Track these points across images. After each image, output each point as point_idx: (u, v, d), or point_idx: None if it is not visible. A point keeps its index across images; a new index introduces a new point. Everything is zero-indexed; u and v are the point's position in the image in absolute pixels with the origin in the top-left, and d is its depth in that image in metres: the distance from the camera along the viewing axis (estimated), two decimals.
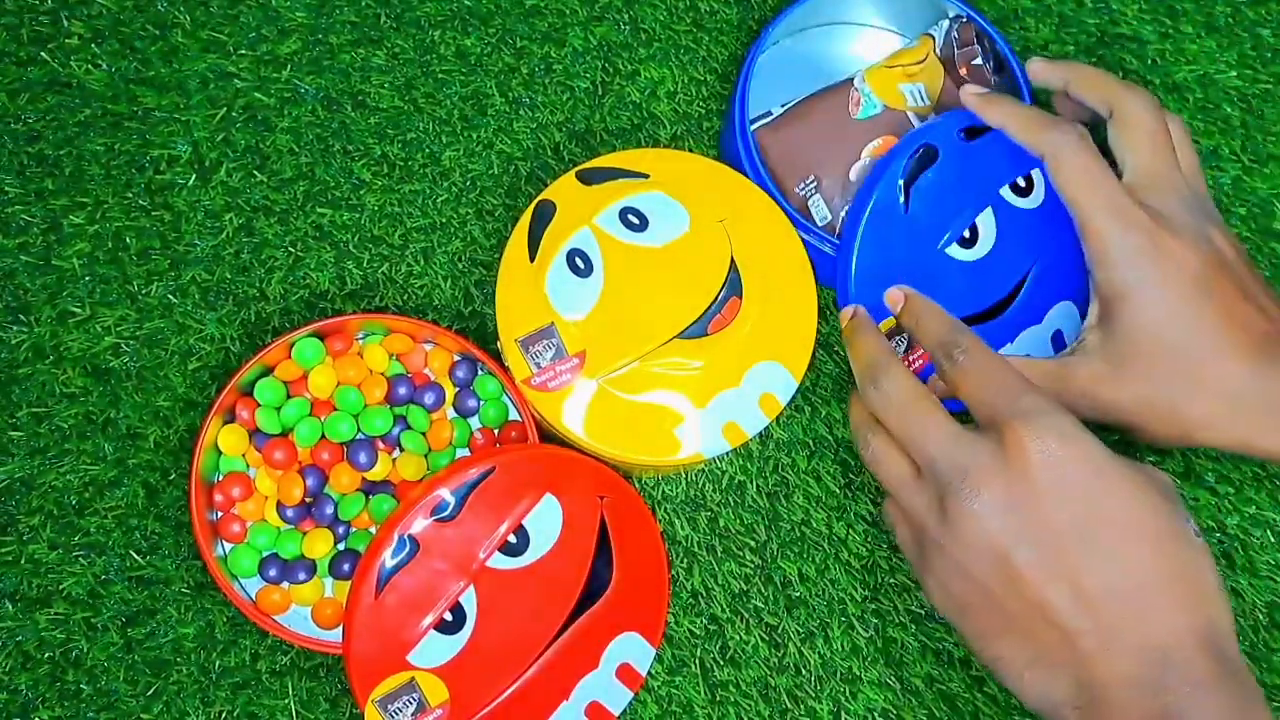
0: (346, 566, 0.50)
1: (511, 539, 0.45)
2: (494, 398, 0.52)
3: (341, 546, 0.50)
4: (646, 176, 0.50)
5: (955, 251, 0.49)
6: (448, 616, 0.45)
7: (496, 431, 0.52)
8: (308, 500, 0.51)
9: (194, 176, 0.54)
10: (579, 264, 0.48)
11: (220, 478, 0.51)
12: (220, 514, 0.51)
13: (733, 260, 0.49)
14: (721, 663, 0.51)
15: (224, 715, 0.50)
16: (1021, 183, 0.50)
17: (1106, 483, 0.37)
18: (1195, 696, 0.35)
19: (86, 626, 0.50)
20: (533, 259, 0.48)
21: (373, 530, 0.50)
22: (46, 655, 0.50)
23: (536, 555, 0.46)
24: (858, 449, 0.43)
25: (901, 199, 0.48)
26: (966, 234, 0.49)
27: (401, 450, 0.51)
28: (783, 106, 0.53)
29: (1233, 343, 0.43)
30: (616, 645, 0.48)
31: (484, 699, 0.46)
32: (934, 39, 0.53)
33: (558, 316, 0.47)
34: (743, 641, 0.51)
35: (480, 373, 0.52)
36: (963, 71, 0.52)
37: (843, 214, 0.52)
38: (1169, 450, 0.54)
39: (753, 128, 0.52)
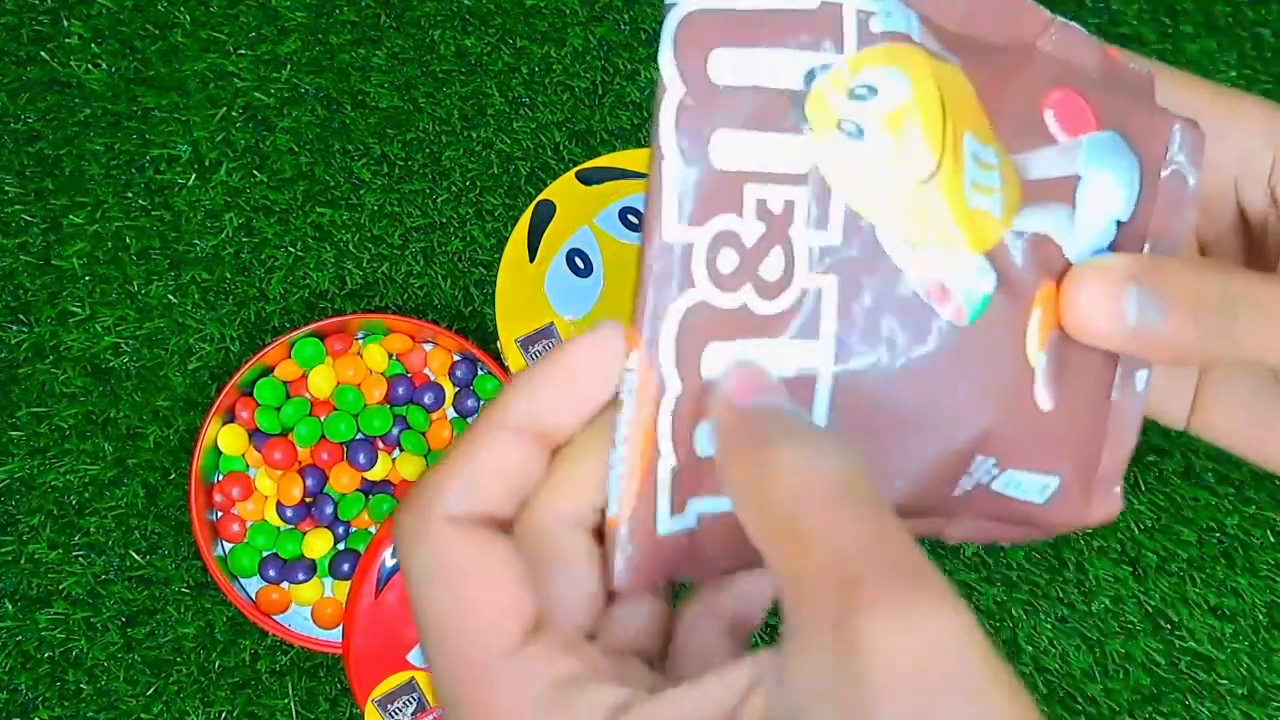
0: (346, 566, 0.50)
1: None
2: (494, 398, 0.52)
3: (341, 546, 0.50)
4: (646, 176, 0.50)
5: None
6: None
7: None
8: (307, 500, 0.51)
9: (194, 176, 0.54)
10: (579, 264, 0.48)
11: (220, 478, 0.51)
12: (220, 514, 0.51)
13: None
14: None
15: (224, 715, 0.50)
16: None
17: None
18: None
19: (86, 626, 0.50)
20: (532, 259, 0.48)
21: (373, 530, 0.50)
22: (46, 655, 0.50)
23: None
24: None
25: None
26: None
27: (401, 450, 0.51)
28: None
29: None
30: None
31: None
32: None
33: (558, 317, 0.47)
34: (745, 643, 0.51)
35: (480, 373, 0.52)
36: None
37: None
38: (1168, 451, 0.54)
39: None
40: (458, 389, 0.52)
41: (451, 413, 0.52)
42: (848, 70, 0.23)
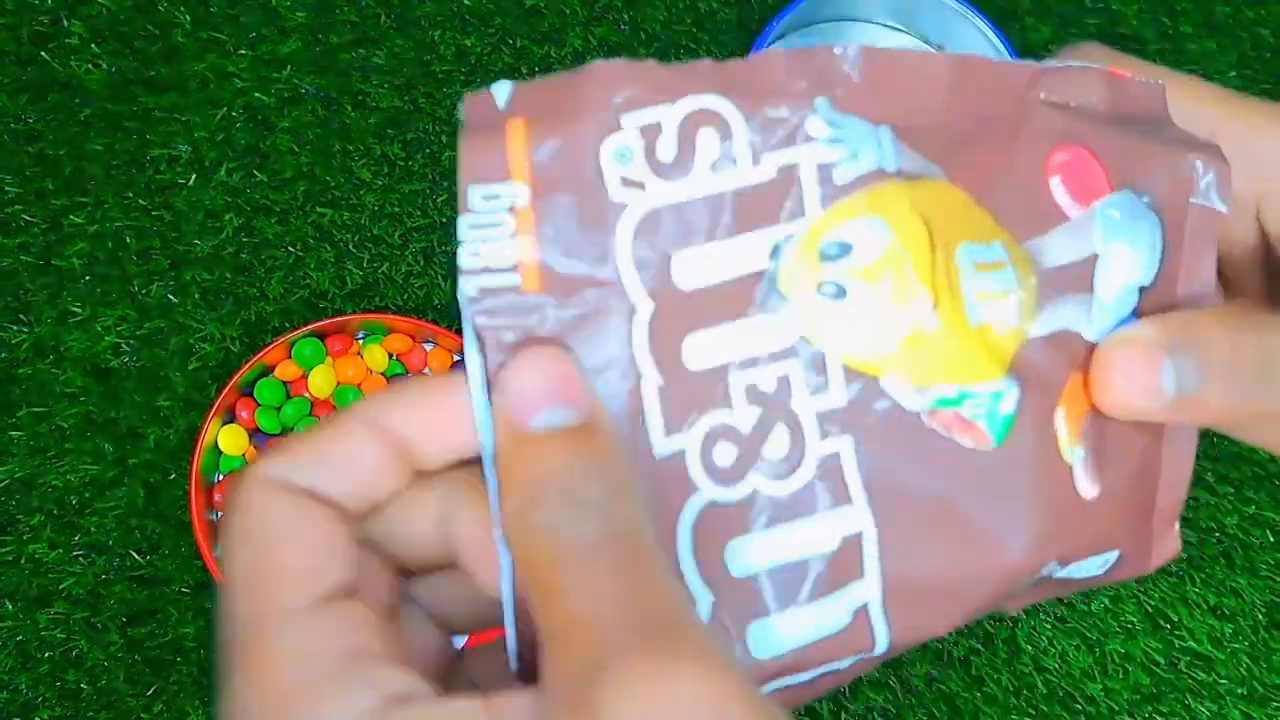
0: None
1: None
2: None
3: None
4: None
5: None
6: None
7: None
8: None
9: (194, 176, 0.54)
10: None
11: (220, 477, 0.51)
12: (220, 514, 0.51)
13: None
14: None
15: None
16: None
17: None
18: None
19: (87, 626, 0.50)
20: None
21: None
22: (46, 655, 0.50)
23: None
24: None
25: None
26: None
27: None
28: None
29: None
30: None
31: None
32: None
33: None
34: None
35: None
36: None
37: None
38: None
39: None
40: None
41: None
42: (813, 234, 0.22)
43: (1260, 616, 0.53)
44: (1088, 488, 0.24)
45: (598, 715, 0.17)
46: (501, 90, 0.22)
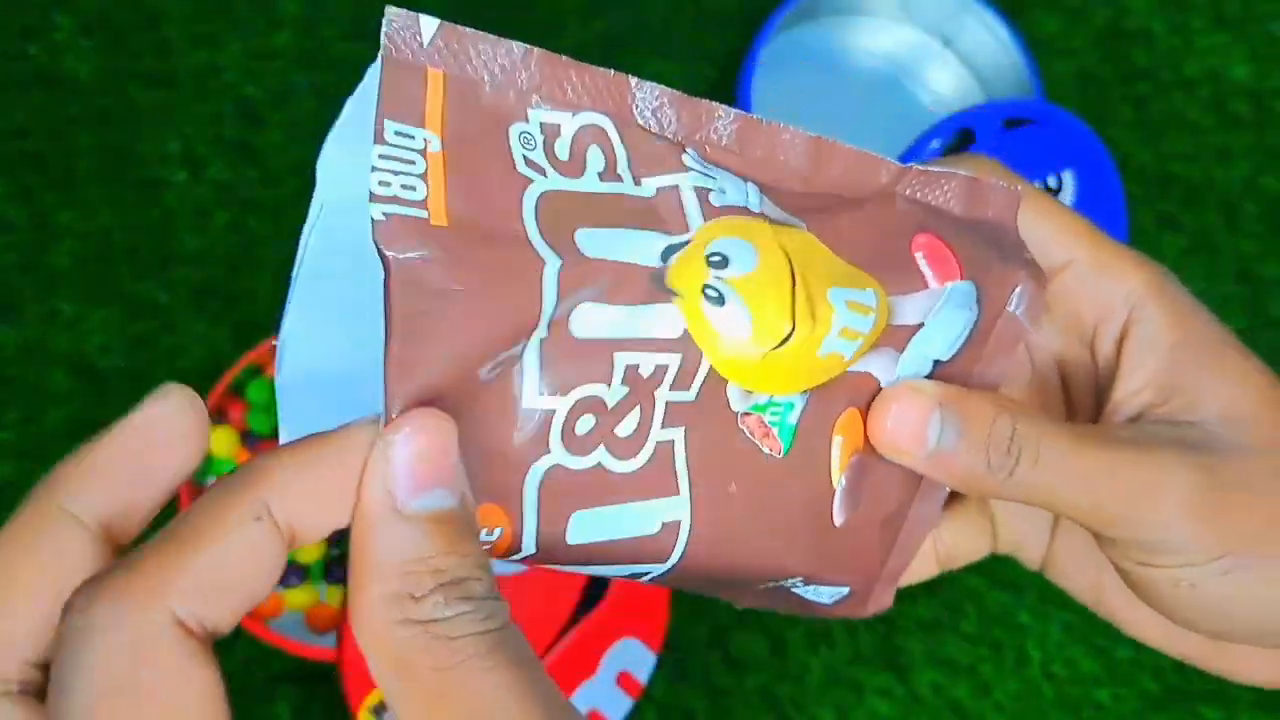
0: (340, 571, 0.49)
1: None
2: None
3: (335, 551, 0.49)
4: None
5: None
6: None
7: None
8: None
9: (184, 172, 0.53)
10: None
11: (210, 481, 0.50)
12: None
13: None
14: (723, 670, 0.50)
15: None
16: (1053, 183, 0.49)
17: None
18: None
19: None
20: None
21: None
22: None
23: None
24: None
25: None
26: None
27: None
28: None
29: None
30: (615, 651, 0.47)
31: None
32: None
33: None
34: (745, 648, 0.51)
35: None
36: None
37: None
38: None
39: None
40: None
41: None
42: (699, 240, 0.23)
43: None
44: (839, 515, 0.27)
45: None
46: (429, 26, 0.22)
